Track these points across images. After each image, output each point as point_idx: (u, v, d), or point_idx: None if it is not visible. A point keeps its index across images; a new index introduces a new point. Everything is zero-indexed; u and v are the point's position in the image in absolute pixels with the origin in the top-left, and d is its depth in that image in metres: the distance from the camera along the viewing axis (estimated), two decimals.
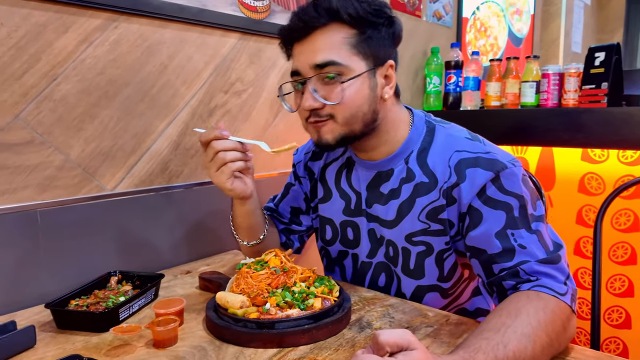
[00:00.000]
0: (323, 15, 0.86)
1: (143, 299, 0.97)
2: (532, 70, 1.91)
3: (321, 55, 0.86)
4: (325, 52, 0.86)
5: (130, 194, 1.18)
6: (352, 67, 0.87)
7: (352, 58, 0.88)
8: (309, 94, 0.88)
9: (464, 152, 0.90)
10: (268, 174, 1.53)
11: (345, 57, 0.87)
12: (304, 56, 0.89)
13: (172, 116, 1.26)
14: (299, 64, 0.90)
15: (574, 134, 1.68)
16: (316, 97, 0.88)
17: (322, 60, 0.86)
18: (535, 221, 0.85)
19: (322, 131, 0.91)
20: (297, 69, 0.90)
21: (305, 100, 0.89)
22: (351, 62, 0.87)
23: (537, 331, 0.70)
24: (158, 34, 1.20)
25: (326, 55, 0.86)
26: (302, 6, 0.90)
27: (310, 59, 0.87)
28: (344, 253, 1.09)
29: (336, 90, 0.87)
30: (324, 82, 0.88)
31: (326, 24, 0.87)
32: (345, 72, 0.87)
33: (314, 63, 0.87)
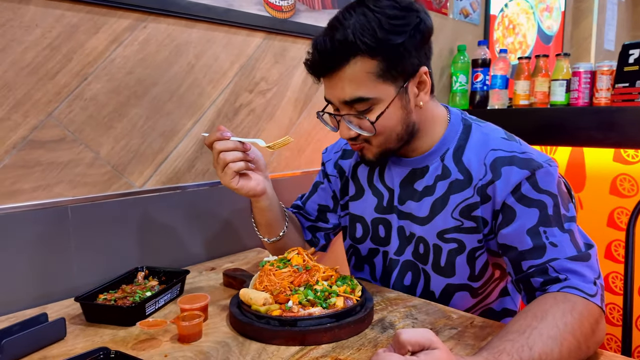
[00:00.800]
0: (341, 52, 0.83)
1: (169, 294, 0.99)
2: (563, 68, 1.86)
3: (349, 93, 0.86)
4: (351, 89, 0.85)
5: (158, 191, 1.21)
6: (382, 97, 0.86)
7: (380, 87, 0.86)
8: (344, 126, 0.91)
9: (499, 150, 0.90)
10: (292, 173, 1.53)
11: (373, 90, 0.85)
12: (333, 91, 0.89)
13: (198, 115, 1.27)
14: (329, 96, 0.91)
15: (606, 134, 1.64)
16: (351, 127, 0.90)
17: (350, 98, 0.86)
18: (567, 221, 0.84)
19: (362, 151, 0.96)
20: (329, 100, 0.92)
21: (342, 132, 0.92)
22: (379, 92, 0.86)
23: (564, 334, 0.68)
24: (185, 33, 1.22)
25: (353, 92, 0.86)
26: (320, 38, 0.85)
27: (339, 95, 0.88)
28: (374, 251, 1.09)
29: (368, 123, 0.88)
30: (356, 114, 0.89)
31: (347, 60, 0.83)
32: (375, 104, 0.87)
33: (343, 99, 0.87)
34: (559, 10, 3.06)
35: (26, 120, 0.99)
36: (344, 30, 0.82)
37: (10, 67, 0.96)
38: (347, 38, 0.81)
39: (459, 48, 2.10)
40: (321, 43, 0.84)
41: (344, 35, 0.82)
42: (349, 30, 0.81)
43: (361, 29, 0.81)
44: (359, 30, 0.81)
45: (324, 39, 0.84)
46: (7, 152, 0.97)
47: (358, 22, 0.82)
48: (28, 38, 0.97)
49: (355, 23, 0.82)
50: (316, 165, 1.61)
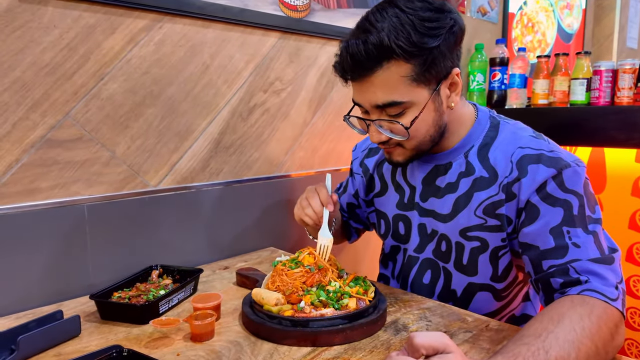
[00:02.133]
0: (375, 56, 0.80)
1: (182, 293, 1.00)
2: (583, 67, 1.82)
3: (382, 98, 0.84)
4: (384, 93, 0.83)
5: (173, 190, 1.22)
6: (415, 101, 0.84)
7: (414, 91, 0.84)
8: (375, 130, 0.89)
9: (527, 148, 0.89)
10: (306, 173, 1.53)
11: (407, 93, 0.83)
12: (364, 95, 0.86)
13: (213, 115, 1.28)
14: (360, 100, 0.88)
15: (628, 134, 1.59)
16: (382, 131, 0.88)
17: (383, 102, 0.84)
18: (592, 223, 0.82)
19: (393, 155, 0.94)
20: (360, 103, 0.89)
21: (372, 136, 0.90)
22: (413, 96, 0.84)
23: (581, 338, 0.66)
24: (201, 34, 1.22)
25: (386, 97, 0.83)
26: (352, 40, 0.81)
27: (371, 99, 0.85)
28: (395, 248, 1.10)
29: (400, 127, 0.86)
30: (387, 118, 0.86)
31: (381, 65, 0.81)
32: (408, 107, 0.85)
33: (375, 104, 0.85)
34: (580, 8, 3.00)
35: (44, 120, 1.01)
36: (378, 34, 0.79)
37: (28, 67, 0.97)
38: (382, 42, 0.79)
39: (477, 47, 2.07)
40: (354, 46, 0.81)
41: (378, 39, 0.79)
42: (383, 34, 0.79)
43: (395, 32, 0.79)
44: (394, 33, 0.79)
45: (356, 42, 0.81)
46: (25, 151, 0.99)
47: (392, 24, 0.79)
48: (46, 39, 0.99)
49: (389, 26, 0.79)
50: (330, 165, 1.60)
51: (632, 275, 1.70)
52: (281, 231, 1.48)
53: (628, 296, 1.62)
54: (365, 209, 1.20)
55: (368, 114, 0.89)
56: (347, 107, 1.60)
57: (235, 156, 1.35)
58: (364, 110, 0.90)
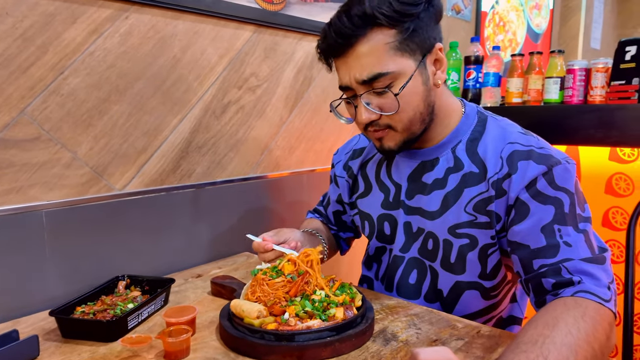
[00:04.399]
0: (359, 25, 0.80)
1: (153, 306, 0.92)
2: (557, 65, 1.82)
3: (367, 70, 0.82)
4: (370, 65, 0.82)
5: (140, 193, 1.13)
6: (402, 71, 0.83)
7: (399, 60, 0.82)
8: (363, 108, 0.85)
9: (516, 144, 0.87)
10: (282, 173, 1.47)
11: (392, 63, 0.82)
12: (349, 72, 0.85)
13: (184, 112, 1.20)
14: (345, 79, 0.86)
15: (602, 132, 1.61)
16: (371, 109, 0.85)
17: (369, 75, 0.82)
18: (583, 222, 0.81)
19: (384, 140, 0.90)
20: (346, 84, 0.87)
21: (361, 115, 0.86)
22: (399, 65, 0.83)
23: (578, 341, 0.65)
24: (171, 25, 1.14)
25: (372, 68, 0.82)
26: (334, 17, 0.84)
27: (356, 74, 0.83)
28: (380, 249, 1.07)
29: (390, 100, 0.84)
30: (375, 93, 0.85)
31: (365, 34, 0.81)
32: (395, 78, 0.83)
33: (361, 79, 0.83)
34: (548, 8, 3.05)
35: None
36: (361, 5, 0.80)
37: None
38: (365, 11, 0.80)
39: (451, 45, 2.06)
40: (336, 21, 0.82)
41: (361, 10, 0.80)
42: (366, 4, 0.80)
43: (377, 2, 0.80)
44: (375, 3, 0.80)
45: (339, 17, 0.82)
46: None
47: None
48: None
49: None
50: (307, 165, 1.55)
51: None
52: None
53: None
54: (349, 213, 1.16)
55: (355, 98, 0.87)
56: (325, 105, 1.56)
57: (208, 156, 1.27)
58: (351, 94, 0.87)
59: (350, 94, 0.88)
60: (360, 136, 1.13)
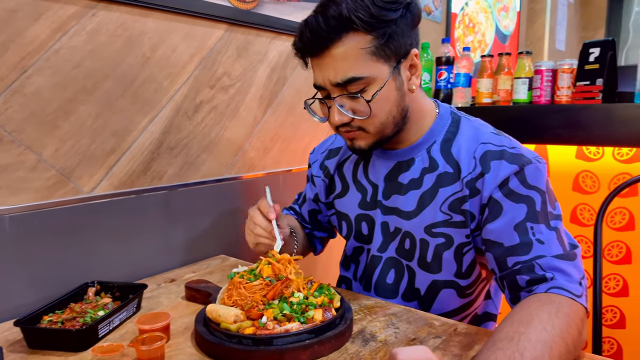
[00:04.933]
0: (335, 28, 0.79)
1: (124, 313, 0.89)
2: (525, 66, 1.87)
3: (341, 73, 0.82)
4: (344, 68, 0.81)
5: (110, 196, 1.10)
6: (376, 76, 0.83)
7: (374, 66, 0.82)
8: (336, 110, 0.85)
9: (489, 144, 0.88)
10: (257, 174, 1.45)
11: (367, 68, 0.82)
12: (323, 73, 0.84)
13: (154, 112, 1.17)
14: (320, 79, 0.86)
15: (568, 131, 1.65)
16: (343, 112, 0.85)
17: (343, 79, 0.82)
18: (554, 219, 0.83)
19: (355, 140, 0.90)
20: (320, 84, 0.86)
21: (333, 117, 0.86)
22: (373, 71, 0.82)
23: (553, 337, 0.66)
24: (140, 23, 1.11)
25: (346, 72, 0.81)
26: (311, 16, 0.82)
27: (330, 76, 0.83)
28: (359, 249, 1.07)
29: (364, 104, 0.84)
30: (348, 97, 0.84)
31: (340, 37, 0.80)
32: (369, 83, 0.83)
33: (335, 82, 0.83)
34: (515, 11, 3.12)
35: None
36: (337, 7, 0.79)
37: None
38: (342, 13, 0.79)
39: (423, 46, 2.08)
40: (312, 21, 0.81)
41: (337, 11, 0.79)
42: (342, 6, 0.79)
43: (354, 5, 0.79)
44: (353, 6, 0.79)
45: (315, 17, 0.81)
46: None
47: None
48: None
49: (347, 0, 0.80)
50: (283, 166, 1.53)
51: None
52: (232, 237, 1.39)
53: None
54: (325, 213, 1.15)
55: (329, 98, 0.86)
56: (300, 104, 1.55)
57: (181, 157, 1.24)
58: (325, 93, 0.87)
59: (325, 94, 0.87)
60: (336, 136, 1.13)
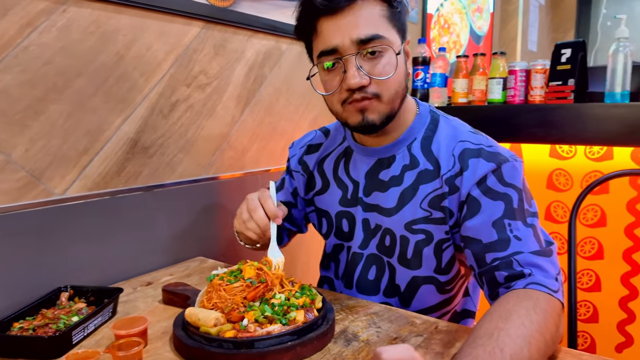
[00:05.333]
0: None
1: (100, 318, 0.86)
2: (499, 66, 1.90)
3: (365, 30, 0.83)
4: (368, 26, 0.83)
5: (83, 198, 1.06)
6: (394, 41, 0.86)
7: (391, 31, 0.86)
8: (355, 71, 0.83)
9: (467, 142, 0.90)
10: (235, 174, 1.43)
11: (387, 31, 0.85)
12: (343, 31, 0.83)
13: (129, 111, 1.14)
14: (337, 39, 0.84)
15: (542, 130, 1.68)
16: (363, 72, 0.84)
17: (367, 35, 0.83)
18: (530, 216, 0.85)
19: (368, 111, 0.87)
20: (335, 46, 0.84)
21: (352, 78, 0.83)
22: (392, 35, 0.86)
23: (531, 332, 0.67)
24: (113, 20, 1.08)
25: (370, 29, 0.83)
26: None
27: (353, 34, 0.83)
28: (338, 247, 1.06)
29: (383, 65, 0.85)
30: (367, 58, 0.84)
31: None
32: (386, 47, 0.85)
33: (358, 38, 0.83)
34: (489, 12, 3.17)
35: None
36: None
37: None
38: None
39: None
40: None
41: None
42: None
43: None
44: None
45: None
46: None
47: None
48: None
49: None
50: (261, 166, 1.52)
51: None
52: (210, 239, 1.36)
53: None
54: (303, 208, 1.14)
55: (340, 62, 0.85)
56: (278, 103, 1.54)
57: (156, 157, 1.22)
58: (335, 57, 0.85)
59: (334, 59, 0.85)
60: (317, 132, 1.13)
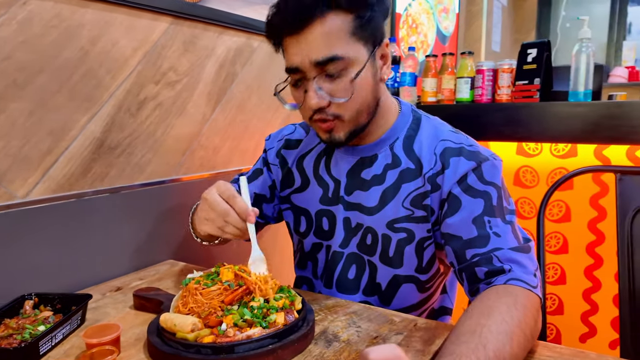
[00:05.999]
0: (319, 4, 0.78)
1: (68, 326, 0.82)
2: (467, 66, 1.93)
3: (322, 51, 0.80)
4: (326, 46, 0.80)
5: (46, 201, 1.01)
6: (356, 58, 0.82)
7: (354, 47, 0.82)
8: (314, 93, 0.82)
9: (448, 141, 0.91)
10: (206, 174, 1.40)
11: (348, 48, 0.81)
12: (302, 52, 0.81)
13: (95, 109, 1.09)
14: (297, 60, 0.82)
15: (509, 129, 1.72)
16: (322, 95, 0.82)
17: (324, 57, 0.80)
18: (509, 214, 0.86)
19: (333, 130, 0.88)
20: (296, 66, 0.83)
21: (311, 99, 0.83)
22: (354, 52, 0.82)
23: (513, 328, 0.68)
24: (77, 14, 1.03)
25: (328, 50, 0.80)
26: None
27: (311, 55, 0.80)
28: (317, 245, 1.05)
29: (342, 86, 0.82)
30: (327, 79, 0.82)
31: (323, 14, 0.78)
32: (349, 64, 0.82)
33: (316, 60, 0.80)
34: (454, 12, 3.23)
35: None
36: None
37: None
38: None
39: None
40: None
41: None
42: None
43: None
44: None
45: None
46: None
47: None
48: None
49: None
50: (233, 165, 1.49)
51: None
52: (181, 241, 1.32)
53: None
54: (276, 204, 1.12)
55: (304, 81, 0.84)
56: (250, 101, 1.51)
57: (124, 158, 1.17)
58: (299, 76, 0.84)
59: (299, 77, 0.85)
60: (296, 127, 1.11)
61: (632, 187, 1.17)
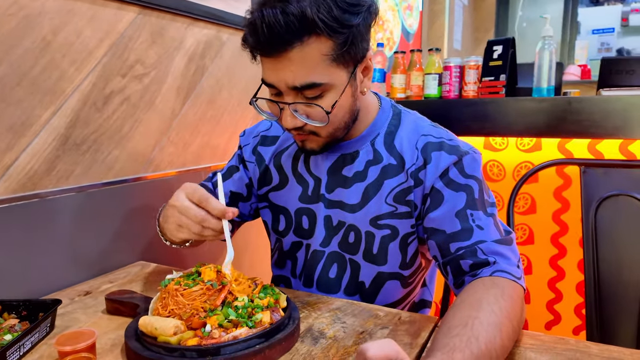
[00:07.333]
0: (296, 30, 0.72)
1: (37, 334, 0.77)
2: (435, 62, 1.95)
3: (299, 78, 0.77)
4: (303, 73, 0.76)
5: (7, 201, 0.94)
6: (334, 83, 0.79)
7: (333, 72, 0.78)
8: (290, 116, 0.80)
9: (429, 136, 0.91)
10: (176, 172, 1.35)
11: (327, 74, 0.78)
12: (278, 74, 0.78)
13: (58, 103, 1.03)
14: (274, 80, 0.79)
15: (477, 124, 1.76)
16: (297, 117, 0.80)
17: (301, 83, 0.77)
18: (490, 206, 0.87)
19: (306, 142, 0.88)
20: (273, 84, 0.80)
21: (286, 121, 0.81)
22: (332, 77, 0.79)
23: (501, 319, 0.69)
24: (38, 2, 0.96)
25: (305, 77, 0.77)
26: (268, 10, 0.72)
27: (287, 79, 0.77)
28: (297, 244, 1.02)
29: (319, 111, 0.80)
30: (305, 100, 0.80)
31: (301, 40, 0.74)
32: (326, 90, 0.79)
33: (293, 86, 0.77)
34: (418, 10, 3.27)
35: None
36: (298, 4, 0.72)
37: None
38: (305, 13, 0.71)
39: None
40: (271, 16, 0.72)
41: (300, 9, 0.71)
42: (304, 4, 0.72)
43: (317, 5, 0.72)
44: (315, 5, 0.72)
45: (274, 11, 0.72)
46: None
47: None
48: None
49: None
50: (204, 162, 1.44)
51: None
52: (151, 242, 1.27)
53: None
54: (253, 202, 1.09)
55: (281, 96, 0.81)
56: (220, 96, 1.47)
57: (90, 155, 1.11)
58: (276, 91, 0.81)
59: (275, 92, 0.82)
60: (272, 123, 1.08)
61: (597, 178, 1.22)
